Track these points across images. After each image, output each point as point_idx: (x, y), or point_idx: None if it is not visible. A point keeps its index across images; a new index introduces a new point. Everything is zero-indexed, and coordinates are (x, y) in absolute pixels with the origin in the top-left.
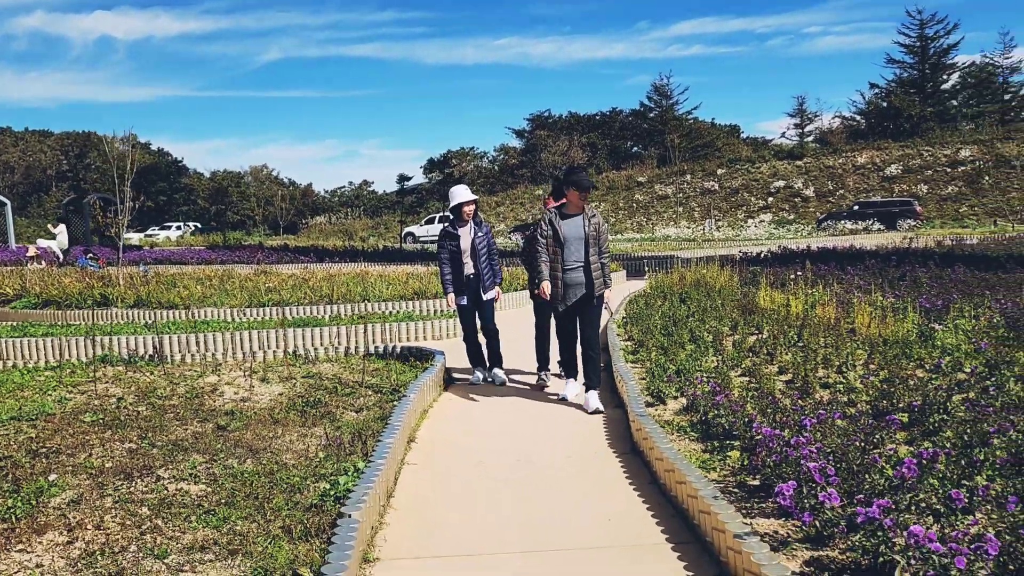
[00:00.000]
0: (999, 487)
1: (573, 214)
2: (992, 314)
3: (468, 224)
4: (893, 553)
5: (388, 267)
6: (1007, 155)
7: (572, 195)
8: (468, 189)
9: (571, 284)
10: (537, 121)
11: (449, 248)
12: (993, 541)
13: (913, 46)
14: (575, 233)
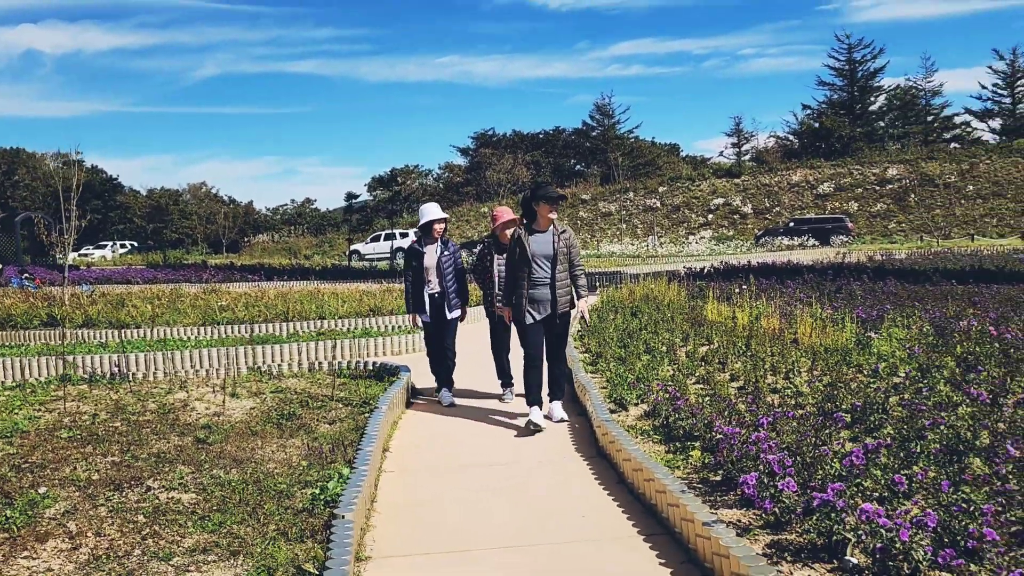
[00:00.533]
0: (934, 474)
1: (541, 230)
2: (922, 323)
3: (436, 242)
4: (845, 532)
5: (339, 285)
6: (931, 174)
7: (543, 209)
8: (439, 207)
9: (538, 300)
10: (481, 139)
11: (414, 265)
12: (932, 515)
13: (842, 69)
14: (543, 250)
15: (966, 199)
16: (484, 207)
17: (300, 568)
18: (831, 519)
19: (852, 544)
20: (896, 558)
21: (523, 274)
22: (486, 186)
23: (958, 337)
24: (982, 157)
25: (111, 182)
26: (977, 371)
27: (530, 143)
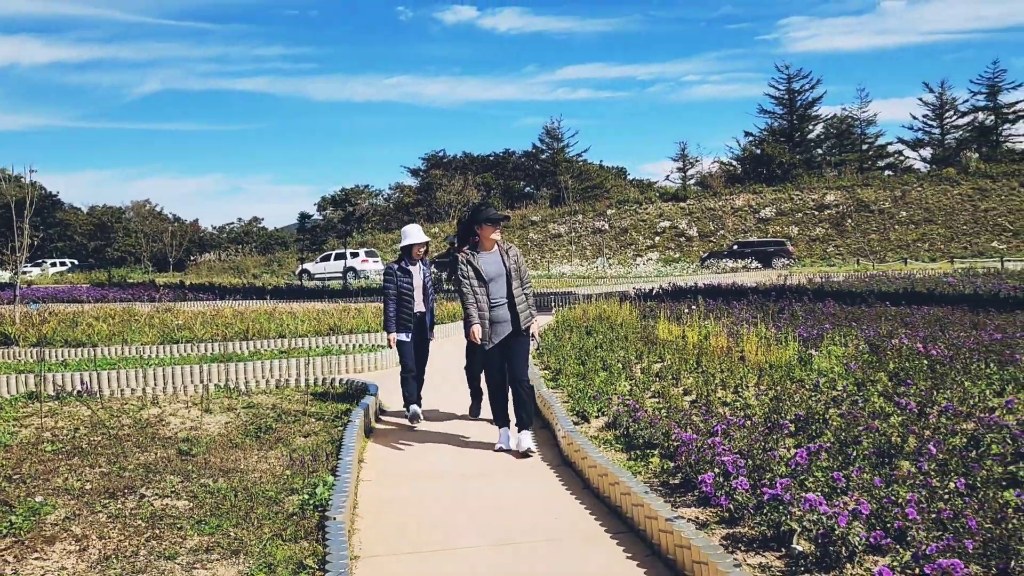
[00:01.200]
0: (867, 474)
1: (488, 251)
2: (858, 342)
3: (417, 264)
4: (791, 523)
5: (294, 304)
6: (866, 200)
7: (486, 231)
8: (421, 230)
9: (498, 321)
10: (432, 160)
11: (400, 285)
12: (865, 505)
13: (782, 98)
14: (496, 270)
15: (899, 225)
16: (435, 228)
17: (301, 563)
18: (779, 512)
19: (797, 534)
20: (836, 543)
21: (482, 294)
22: (437, 207)
23: (890, 354)
24: (914, 185)
25: (50, 198)
26: (907, 384)
27: (480, 165)
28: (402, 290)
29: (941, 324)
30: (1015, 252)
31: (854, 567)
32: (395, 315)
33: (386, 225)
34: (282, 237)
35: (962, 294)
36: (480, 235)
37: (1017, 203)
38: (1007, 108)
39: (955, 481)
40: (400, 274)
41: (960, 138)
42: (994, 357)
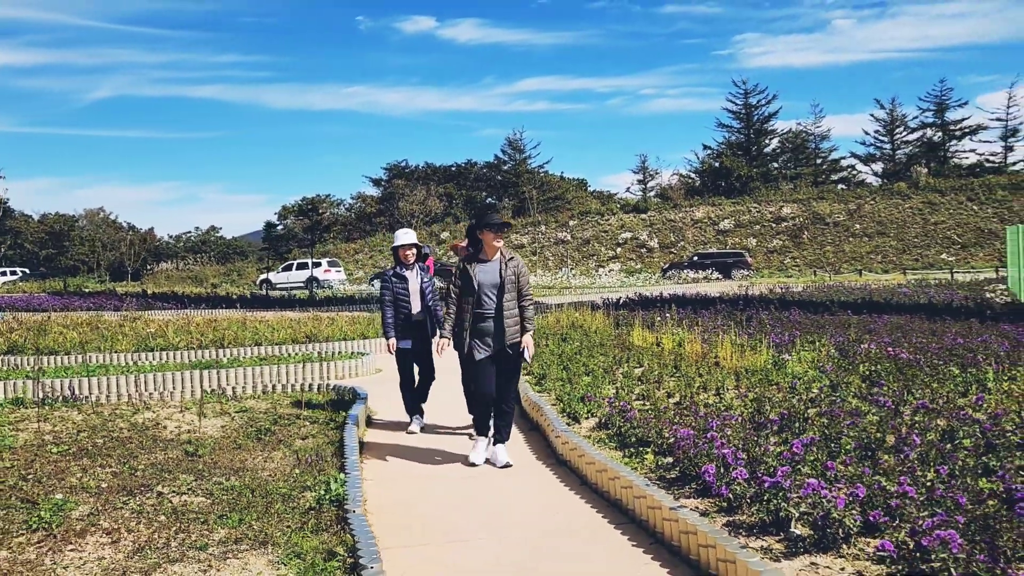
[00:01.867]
0: (852, 468)
1: (488, 259)
2: (828, 347)
3: (415, 267)
4: (790, 508)
5: (264, 313)
6: (822, 213)
7: (488, 237)
8: (410, 233)
9: (486, 332)
10: (394, 170)
11: (396, 290)
12: (861, 488)
13: (739, 112)
14: (490, 279)
15: (853, 237)
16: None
17: (331, 552)
18: (779, 499)
19: (795, 518)
20: (833, 525)
21: (467, 305)
22: (399, 216)
23: (860, 358)
24: (867, 198)
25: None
26: (880, 385)
27: (443, 175)
28: (398, 296)
29: (902, 331)
30: (963, 264)
31: (850, 547)
32: (392, 321)
33: (348, 235)
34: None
35: (918, 304)
36: (482, 241)
37: (965, 217)
38: (954, 125)
39: (937, 468)
40: (395, 279)
41: (910, 153)
42: (957, 360)
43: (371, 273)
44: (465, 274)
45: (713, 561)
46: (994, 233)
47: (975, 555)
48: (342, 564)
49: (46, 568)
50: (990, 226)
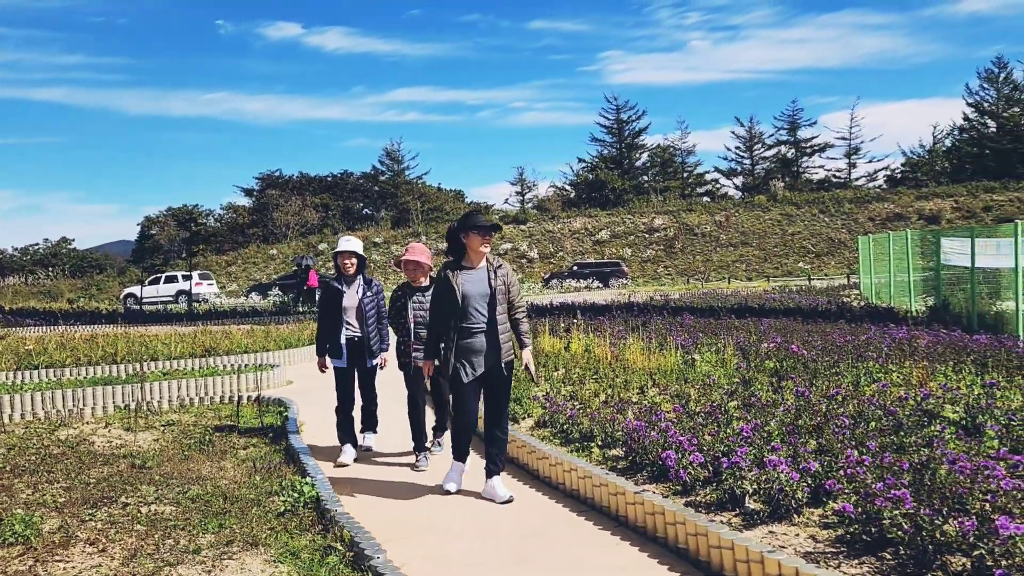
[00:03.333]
0: (789, 448)
1: (472, 267)
2: (730, 348)
3: (356, 281)
4: (745, 486)
5: (146, 328)
6: (691, 224)
7: (473, 241)
8: (352, 240)
9: (475, 351)
10: (267, 180)
11: (330, 304)
12: (813, 464)
13: (612, 127)
14: (479, 289)
15: (720, 247)
16: (272, 249)
17: (328, 547)
18: (735, 477)
19: (749, 495)
20: (786, 498)
21: (452, 321)
22: (273, 228)
23: (762, 356)
24: (731, 210)
25: None
26: (790, 379)
27: (318, 186)
28: (334, 312)
29: (786, 331)
30: (818, 271)
31: (800, 517)
32: (328, 338)
33: (219, 247)
34: (97, 259)
35: (789, 308)
36: (466, 245)
37: (818, 228)
38: (805, 143)
39: (867, 444)
40: (330, 293)
41: (768, 168)
42: (850, 355)
43: (246, 286)
44: (446, 284)
45: (682, 536)
46: (843, 243)
47: (920, 510)
48: (341, 558)
49: None
50: (840, 236)
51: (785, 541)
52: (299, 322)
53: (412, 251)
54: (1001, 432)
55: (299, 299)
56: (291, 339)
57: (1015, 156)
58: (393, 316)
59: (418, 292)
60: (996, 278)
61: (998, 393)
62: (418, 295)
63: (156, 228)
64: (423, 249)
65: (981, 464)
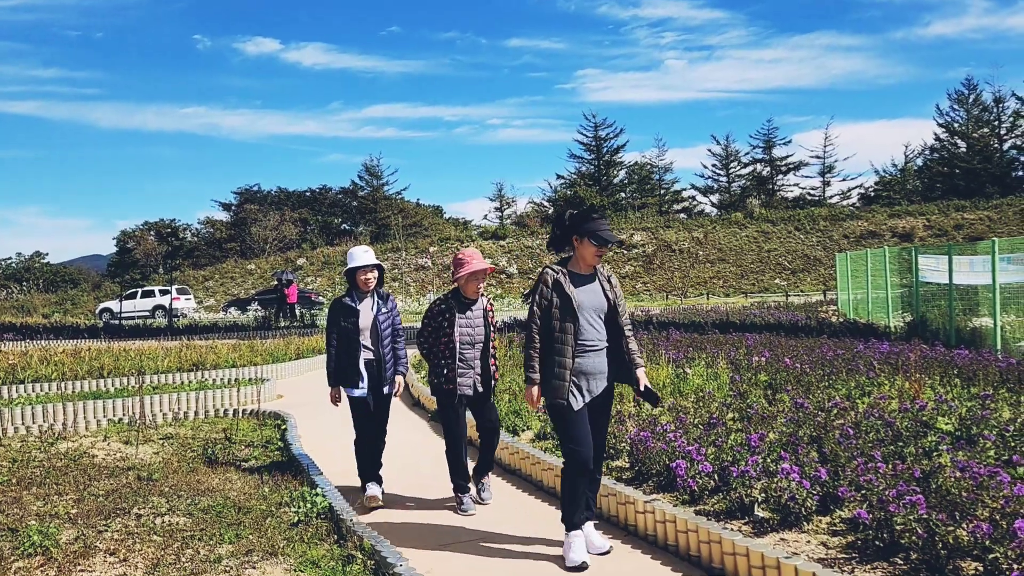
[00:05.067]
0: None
1: (585, 274)
2: (722, 361)
3: (370, 297)
4: (755, 495)
5: (129, 343)
6: (669, 241)
7: (587, 250)
8: (370, 252)
9: (592, 374)
10: (246, 195)
11: (343, 325)
12: (823, 471)
13: (590, 144)
14: (594, 301)
15: (698, 263)
16: (251, 264)
17: (349, 556)
18: (744, 486)
19: (758, 503)
20: (796, 506)
21: (567, 337)
22: (251, 243)
23: (755, 369)
24: (708, 227)
25: None
26: (786, 391)
27: (297, 201)
28: (347, 332)
29: (772, 345)
30: (794, 288)
31: (809, 524)
32: (336, 365)
33: (196, 262)
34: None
35: (770, 323)
36: (577, 251)
37: (793, 244)
38: (780, 161)
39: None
40: (342, 312)
41: (743, 186)
42: (842, 368)
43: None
44: (560, 290)
45: (694, 544)
46: (818, 260)
47: (933, 515)
48: (363, 567)
49: None
50: (815, 253)
51: (797, 548)
52: (283, 337)
53: (472, 257)
54: (998, 442)
55: (279, 314)
56: (278, 353)
57: (984, 175)
58: (431, 334)
59: (468, 307)
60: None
61: (992, 405)
62: (469, 310)
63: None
64: (480, 256)
65: (989, 471)
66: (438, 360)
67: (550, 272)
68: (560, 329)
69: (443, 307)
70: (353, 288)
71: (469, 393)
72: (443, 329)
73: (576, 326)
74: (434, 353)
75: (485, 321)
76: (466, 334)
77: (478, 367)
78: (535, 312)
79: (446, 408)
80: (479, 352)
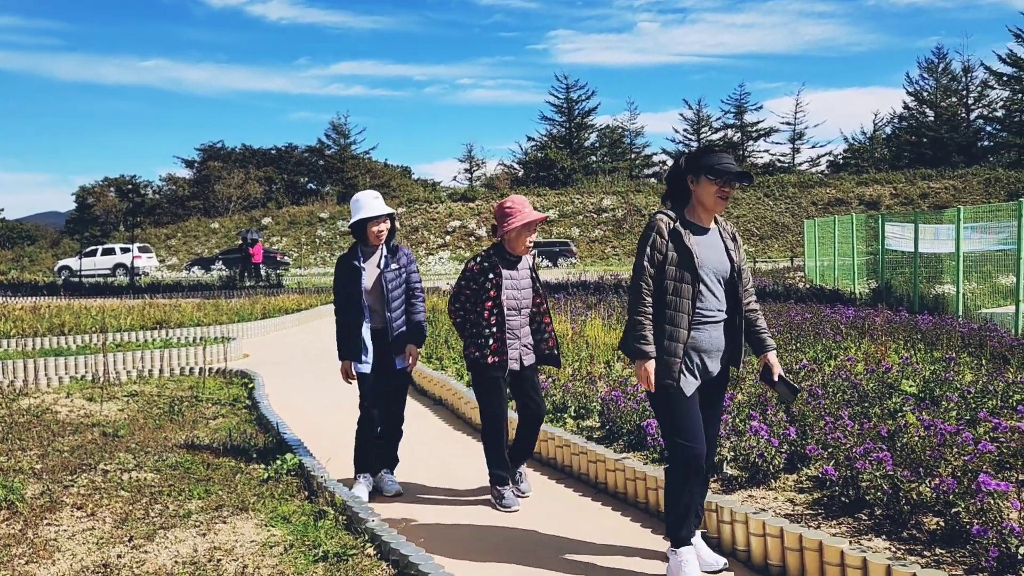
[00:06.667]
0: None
1: (705, 227)
2: None
3: (377, 252)
4: (723, 452)
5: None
6: (639, 205)
7: (706, 191)
8: (379, 199)
9: (708, 351)
10: (209, 152)
11: (348, 289)
12: (792, 430)
13: (562, 107)
14: (715, 261)
15: None
16: (214, 222)
17: (321, 512)
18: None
19: (727, 461)
20: (761, 466)
21: (683, 302)
22: (215, 201)
23: None
24: None
25: None
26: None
27: (262, 158)
28: (352, 295)
29: None
30: (762, 254)
31: (777, 482)
32: (349, 333)
33: (158, 219)
34: (27, 230)
35: None
36: (694, 196)
37: (762, 211)
38: (751, 127)
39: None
40: (346, 272)
41: None
42: (808, 332)
43: (187, 260)
44: (678, 243)
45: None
46: (787, 226)
47: (899, 471)
48: (335, 522)
49: (42, 539)
50: (783, 220)
51: (765, 504)
52: (249, 296)
53: (522, 205)
54: (960, 403)
55: (244, 274)
56: (244, 313)
57: (951, 145)
58: (469, 299)
59: (513, 265)
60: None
61: (954, 368)
62: (515, 269)
63: (93, 198)
64: (529, 204)
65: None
66: (479, 329)
67: (664, 218)
68: (674, 291)
69: (486, 265)
70: (360, 243)
71: (516, 368)
72: (486, 292)
73: (695, 289)
74: (472, 321)
75: (534, 281)
76: (512, 297)
77: (525, 337)
78: (646, 268)
79: (486, 386)
80: (525, 319)
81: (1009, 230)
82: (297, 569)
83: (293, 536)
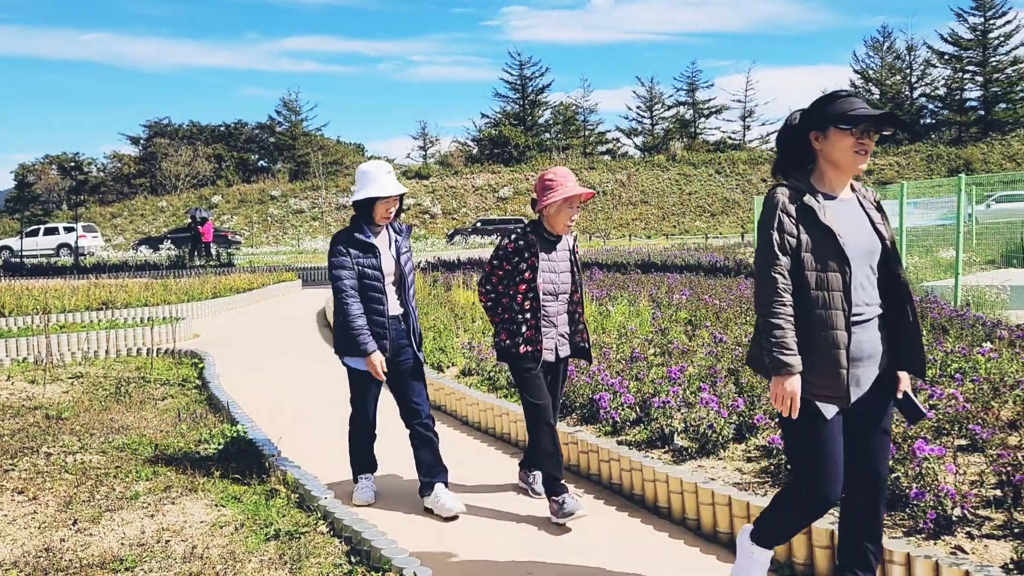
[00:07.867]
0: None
1: (836, 195)
2: (644, 299)
3: (383, 230)
4: (675, 425)
5: (31, 281)
6: (592, 182)
7: (837, 145)
8: (392, 174)
9: (862, 358)
10: (155, 128)
11: (361, 268)
12: (741, 401)
13: (515, 84)
14: (860, 239)
15: (621, 205)
16: (162, 200)
17: (272, 491)
18: (666, 416)
19: (678, 433)
20: (710, 436)
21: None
22: (162, 179)
23: (675, 307)
24: (632, 169)
25: None
26: (706, 327)
27: (210, 135)
28: (365, 277)
29: (691, 284)
30: (713, 230)
31: (726, 452)
32: (365, 321)
33: (103, 198)
34: None
35: (691, 264)
36: (821, 157)
37: (714, 188)
38: (702, 104)
39: None
40: (355, 251)
41: (667, 129)
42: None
43: (134, 239)
44: (811, 222)
45: (616, 473)
46: (737, 203)
47: None
48: (287, 500)
49: None
50: (734, 196)
51: (714, 474)
52: (199, 276)
53: (566, 178)
54: None
55: (194, 253)
56: (193, 292)
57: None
58: (502, 280)
59: (552, 245)
60: None
61: None
62: (553, 249)
63: (33, 176)
64: (572, 176)
65: None
66: (511, 315)
67: (788, 192)
68: (818, 284)
69: (521, 244)
70: (363, 220)
71: (551, 359)
72: (520, 274)
73: (845, 279)
74: (504, 306)
75: (572, 264)
76: (549, 280)
77: (562, 325)
78: (779, 257)
79: (522, 382)
80: (563, 305)
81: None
82: (248, 548)
83: (244, 515)
